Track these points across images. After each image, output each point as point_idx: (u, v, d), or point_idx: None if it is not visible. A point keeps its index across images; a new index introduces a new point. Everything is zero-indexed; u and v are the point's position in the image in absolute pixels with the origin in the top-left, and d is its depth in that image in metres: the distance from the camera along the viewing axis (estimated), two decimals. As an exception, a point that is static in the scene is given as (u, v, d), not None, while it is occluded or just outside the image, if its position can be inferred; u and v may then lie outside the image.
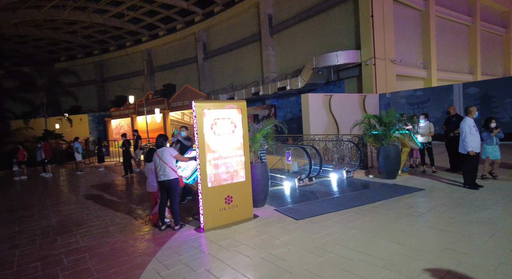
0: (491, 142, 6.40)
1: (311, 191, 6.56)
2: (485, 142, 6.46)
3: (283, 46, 22.65)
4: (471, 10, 23.64)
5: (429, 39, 19.92)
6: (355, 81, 18.04)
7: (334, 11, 18.57)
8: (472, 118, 5.84)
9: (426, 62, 20.17)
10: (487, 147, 6.48)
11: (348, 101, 15.13)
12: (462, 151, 5.86)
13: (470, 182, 5.87)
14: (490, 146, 6.42)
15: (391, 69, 17.29)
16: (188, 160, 5.08)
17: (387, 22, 16.88)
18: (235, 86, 25.30)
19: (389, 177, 7.14)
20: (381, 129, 7.01)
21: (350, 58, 16.95)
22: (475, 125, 5.84)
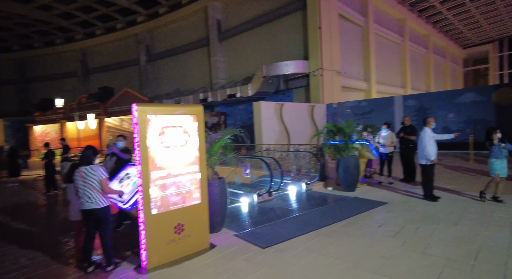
0: (501, 155, 5.46)
1: (272, 208, 5.91)
2: (493, 156, 5.51)
3: (232, 53, 22.14)
4: (401, 30, 26.06)
5: (369, 53, 21.26)
6: (303, 91, 18.26)
7: (283, 21, 18.70)
8: (431, 128, 5.83)
9: (366, 75, 21.43)
10: (496, 162, 5.47)
11: (298, 111, 15.11)
12: (423, 162, 5.80)
13: (430, 193, 5.83)
14: (500, 160, 5.45)
15: (337, 80, 17.90)
16: (116, 194, 3.99)
17: (334, 35, 17.49)
18: (182, 91, 23.94)
19: (349, 190, 6.88)
20: (342, 140, 6.73)
21: (299, 68, 17.10)
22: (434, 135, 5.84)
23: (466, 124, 12.60)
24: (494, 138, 5.48)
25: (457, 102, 12.84)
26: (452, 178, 7.68)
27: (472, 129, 12.39)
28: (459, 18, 30.10)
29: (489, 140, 5.59)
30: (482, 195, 5.61)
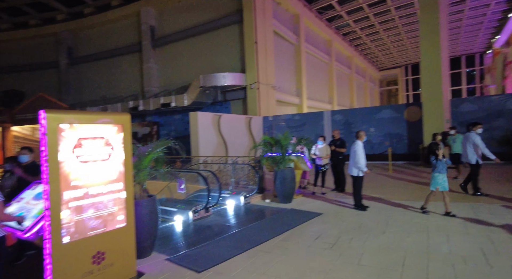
0: (444, 170, 5.50)
1: (209, 226, 5.56)
2: (437, 170, 5.51)
3: (167, 61, 21.27)
4: (329, 51, 28.50)
5: (301, 70, 22.60)
6: (241, 103, 18.39)
7: (221, 33, 18.75)
8: (362, 141, 6.20)
9: (298, 90, 22.68)
10: (439, 176, 5.48)
11: (236, 122, 15.09)
12: (353, 174, 6.13)
13: (359, 203, 6.18)
14: (442, 174, 5.49)
15: (272, 94, 18.51)
16: (14, 220, 3.26)
17: (269, 51, 18.14)
18: (109, 98, 21.98)
19: (286, 201, 6.93)
20: (279, 152, 6.79)
21: (236, 81, 17.22)
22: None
23: (385, 137, 14.10)
24: (440, 154, 5.55)
25: (377, 118, 14.32)
26: (375, 187, 8.35)
27: (390, 142, 13.91)
28: (375, 44, 34.32)
29: (434, 154, 5.61)
30: (423, 209, 5.67)
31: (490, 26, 30.28)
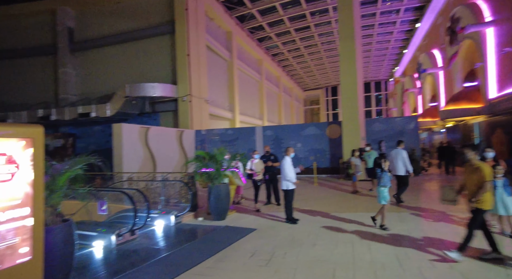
0: (389, 183, 5.64)
1: (135, 250, 5.04)
2: (383, 184, 5.61)
3: (89, 67, 19.34)
4: (260, 69, 29.79)
5: (234, 86, 23.00)
6: (171, 115, 17.68)
7: (151, 42, 17.95)
8: (290, 157, 6.50)
9: (231, 106, 22.95)
10: (385, 190, 5.59)
11: (166, 136, 14.40)
12: (285, 188, 6.35)
13: (290, 216, 6.39)
14: (387, 188, 5.62)
15: (205, 108, 18.31)
16: None
17: (202, 64, 18.03)
18: (12, 105, 18.78)
19: (220, 218, 6.75)
20: (214, 167, 6.64)
21: (167, 92, 16.57)
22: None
23: (310, 153, 15.12)
24: (385, 166, 5.73)
25: (303, 134, 15.32)
26: (304, 199, 8.79)
27: (314, 157, 14.95)
28: (300, 66, 37.20)
29: (379, 167, 5.75)
30: (382, 226, 5.65)
31: (392, 58, 35.86)
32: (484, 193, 3.94)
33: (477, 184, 4.01)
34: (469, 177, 4.18)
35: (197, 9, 17.56)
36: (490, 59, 13.53)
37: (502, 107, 12.56)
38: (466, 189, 4.25)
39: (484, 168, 4.00)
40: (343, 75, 13.97)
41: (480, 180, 3.97)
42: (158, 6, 17.82)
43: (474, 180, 4.05)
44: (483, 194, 3.95)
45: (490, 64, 13.57)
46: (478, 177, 4.00)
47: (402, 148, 7.97)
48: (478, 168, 4.02)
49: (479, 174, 3.99)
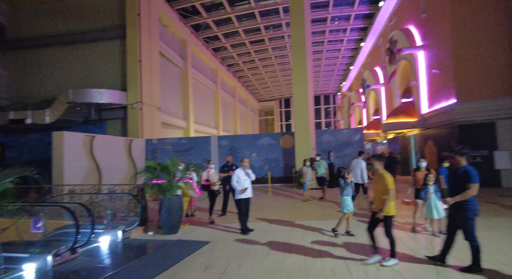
0: (351, 192, 5.92)
1: (76, 270, 4.59)
2: (346, 193, 5.84)
3: (24, 68, 17.55)
4: (215, 79, 29.75)
5: (188, 94, 22.57)
6: (119, 124, 16.71)
7: (99, 46, 16.91)
8: (243, 167, 6.51)
9: (185, 114, 22.45)
10: (348, 199, 5.83)
11: (113, 145, 13.55)
12: (237, 197, 6.33)
13: (244, 227, 6.37)
14: (349, 196, 5.88)
15: (157, 116, 17.66)
16: None
17: (154, 71, 17.45)
18: None
19: (171, 232, 6.48)
20: (166, 178, 6.38)
21: (116, 99, 15.68)
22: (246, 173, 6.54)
23: (265, 162, 15.36)
24: (349, 178, 5.96)
25: (258, 144, 15.54)
26: (259, 209, 8.86)
27: (269, 166, 15.22)
28: (255, 78, 37.98)
29: (342, 178, 5.99)
30: (335, 232, 5.85)
31: (339, 74, 38.43)
32: (390, 201, 4.21)
33: (382, 192, 4.27)
34: (375, 185, 4.45)
35: (150, 15, 17.07)
36: (422, 79, 15.25)
37: (432, 122, 14.15)
38: (374, 197, 4.50)
39: (387, 176, 4.28)
40: (295, 88, 14.58)
41: (384, 188, 4.24)
42: (108, 9, 16.96)
43: (380, 188, 4.32)
44: (389, 203, 4.20)
45: (422, 83, 15.28)
46: (383, 186, 4.27)
47: (362, 158, 8.67)
48: (383, 177, 4.30)
49: (384, 183, 4.26)
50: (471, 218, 3.99)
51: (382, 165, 4.47)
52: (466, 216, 4.00)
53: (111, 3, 16.88)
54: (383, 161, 4.48)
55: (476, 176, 3.97)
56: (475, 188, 3.92)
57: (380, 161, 4.46)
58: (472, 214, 4.00)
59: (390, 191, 4.20)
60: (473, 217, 4.00)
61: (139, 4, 16.18)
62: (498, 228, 5.96)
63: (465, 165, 4.14)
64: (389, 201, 4.21)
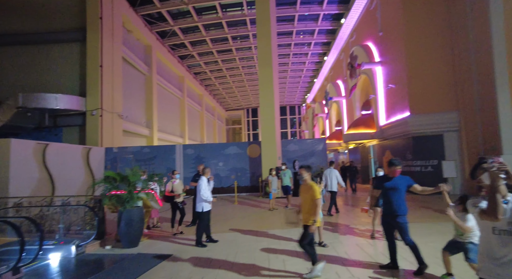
0: (322, 200, 5.83)
1: (20, 292, 4.17)
2: None
3: (-36, 68, 15.96)
4: (181, 86, 29.27)
5: (152, 102, 21.92)
6: (77, 131, 15.75)
7: (56, 48, 15.95)
8: (207, 177, 6.38)
9: (148, 122, 21.73)
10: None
11: (69, 154, 12.70)
12: (198, 210, 6.13)
13: (200, 240, 6.12)
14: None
15: (118, 124, 16.91)
16: None
17: (116, 77, 16.78)
18: None
19: (131, 245, 6.15)
20: (127, 189, 6.08)
21: (73, 105, 14.80)
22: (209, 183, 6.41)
23: (231, 172, 15.27)
24: (321, 187, 6.09)
25: (224, 153, 15.45)
26: (224, 220, 8.75)
27: (235, 176, 15.15)
28: (222, 87, 37.98)
29: None
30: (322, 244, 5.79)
31: (304, 86, 39.74)
32: (318, 211, 4.26)
33: (310, 202, 4.30)
34: (304, 196, 4.45)
35: (114, 19, 16.50)
36: (380, 93, 16.26)
37: (389, 133, 15.06)
38: (302, 208, 4.47)
39: (315, 187, 4.32)
40: (262, 99, 14.80)
41: (312, 198, 4.27)
42: (67, 10, 16.09)
43: (308, 198, 4.33)
44: (317, 213, 4.23)
45: (380, 97, 16.28)
46: (310, 196, 4.29)
47: (334, 167, 9.16)
48: (311, 187, 4.33)
49: (311, 193, 4.28)
50: (406, 221, 4.39)
51: (310, 175, 4.51)
52: (403, 220, 4.35)
53: (70, 5, 16.06)
54: (311, 172, 4.54)
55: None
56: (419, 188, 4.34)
57: (309, 172, 4.49)
58: (406, 218, 4.40)
59: (317, 201, 4.24)
60: (407, 220, 4.41)
61: (101, 7, 15.58)
62: (447, 232, 6.44)
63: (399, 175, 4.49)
64: (318, 211, 4.24)
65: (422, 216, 8.19)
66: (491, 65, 10.38)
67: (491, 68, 10.37)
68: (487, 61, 10.57)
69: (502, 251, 2.03)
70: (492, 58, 10.32)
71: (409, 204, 9.88)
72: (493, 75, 10.31)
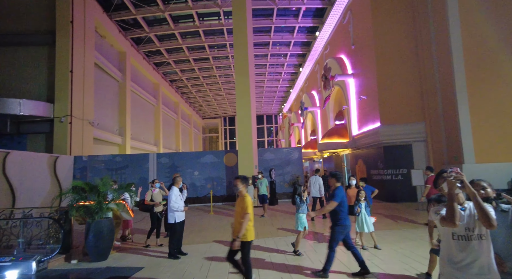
0: (306, 209, 5.86)
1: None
2: (302, 211, 5.83)
3: None
4: (156, 94, 28.72)
5: (125, 109, 21.29)
6: (43, 138, 14.92)
7: (21, 51, 15.14)
8: (178, 187, 6.21)
9: (121, 130, 21.05)
10: (303, 216, 5.80)
11: (34, 163, 11.97)
12: (171, 221, 5.94)
13: (173, 251, 5.97)
14: (304, 214, 5.79)
15: (89, 131, 16.25)
16: None
17: (88, 83, 16.20)
18: None
19: (100, 259, 5.85)
20: (96, 200, 5.81)
21: (40, 111, 14.06)
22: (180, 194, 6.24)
23: (207, 181, 15.06)
24: (304, 196, 5.95)
25: (200, 162, 15.23)
26: (199, 230, 8.56)
27: (211, 185, 14.95)
28: (199, 95, 37.72)
29: (299, 195, 5.93)
30: (296, 252, 5.82)
31: (281, 96, 40.37)
32: (246, 225, 3.95)
33: (241, 213, 4.02)
34: (237, 208, 4.16)
35: (86, 24, 16.00)
36: (352, 103, 16.85)
37: (361, 142, 15.58)
38: (234, 221, 4.20)
39: (247, 199, 4.03)
40: (238, 108, 14.83)
41: (243, 211, 4.00)
42: (35, 12, 15.37)
43: (239, 211, 4.06)
44: (245, 227, 3.94)
45: (352, 107, 16.86)
46: (241, 208, 4.03)
47: (319, 175, 9.69)
48: (243, 199, 4.06)
49: (243, 206, 4.01)
50: (339, 232, 4.64)
51: (245, 187, 4.19)
52: (336, 229, 4.64)
53: (39, 7, 15.38)
54: (246, 183, 4.20)
55: (337, 196, 4.59)
56: (331, 205, 4.56)
57: (244, 183, 4.16)
58: (340, 228, 4.64)
59: (247, 215, 3.94)
60: (341, 230, 4.64)
61: (72, 11, 15.06)
62: (415, 239, 6.70)
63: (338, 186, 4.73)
64: (245, 225, 3.93)
65: (390, 224, 8.46)
66: (451, 78, 11.12)
67: (452, 81, 11.10)
68: (448, 75, 11.32)
69: (460, 255, 2.15)
70: (452, 72, 11.06)
71: (380, 212, 10.22)
72: (453, 88, 11.04)
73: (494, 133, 10.70)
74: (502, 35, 10.98)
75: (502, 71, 10.92)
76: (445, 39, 11.38)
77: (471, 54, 11.00)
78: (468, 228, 2.15)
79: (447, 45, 11.27)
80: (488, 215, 2.00)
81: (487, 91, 10.87)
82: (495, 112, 10.78)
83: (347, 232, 4.74)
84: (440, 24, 11.73)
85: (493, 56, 10.97)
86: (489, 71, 10.93)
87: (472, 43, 11.03)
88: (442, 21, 11.52)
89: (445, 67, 11.54)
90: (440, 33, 11.73)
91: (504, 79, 10.89)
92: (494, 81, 10.90)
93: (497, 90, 10.85)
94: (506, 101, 10.79)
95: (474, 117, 10.81)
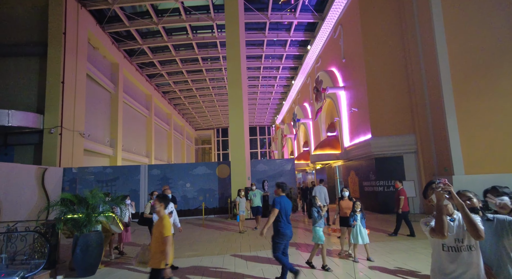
0: (323, 223, 5.65)
1: None
2: (318, 225, 5.60)
3: None
4: (149, 105, 28.64)
5: (117, 120, 21.13)
6: (31, 150, 14.65)
7: (11, 62, 15.03)
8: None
9: (113, 141, 20.83)
10: (320, 230, 5.58)
11: (21, 174, 11.69)
12: None
13: None
14: (322, 228, 5.61)
15: (79, 142, 16.02)
16: None
17: (79, 94, 16.09)
18: None
19: (87, 274, 5.67)
20: (84, 213, 5.68)
21: (29, 122, 13.86)
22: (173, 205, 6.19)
23: (199, 193, 14.89)
24: (323, 210, 5.77)
25: (192, 174, 15.09)
26: (189, 244, 8.40)
27: (203, 197, 14.78)
28: (192, 106, 37.75)
29: (316, 208, 5.74)
30: (310, 264, 5.67)
31: (273, 107, 40.68)
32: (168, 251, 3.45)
33: (159, 239, 3.51)
34: (154, 232, 3.66)
35: (78, 35, 16.03)
36: (344, 115, 17.07)
37: (353, 154, 15.71)
38: (152, 246, 3.64)
39: (166, 221, 3.57)
40: (231, 119, 14.87)
41: (161, 234, 3.50)
42: (26, 23, 15.35)
43: (157, 233, 3.57)
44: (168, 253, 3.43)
45: (344, 119, 17.07)
46: (160, 231, 3.53)
47: (323, 185, 10.17)
48: (161, 222, 3.59)
49: (161, 229, 3.52)
50: (278, 242, 4.72)
51: (163, 207, 3.67)
52: (274, 239, 4.78)
53: (31, 17, 15.38)
54: (164, 203, 3.70)
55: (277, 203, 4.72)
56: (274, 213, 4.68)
57: (161, 202, 3.66)
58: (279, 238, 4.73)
59: (167, 239, 3.46)
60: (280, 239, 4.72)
61: (65, 23, 15.10)
62: (407, 250, 6.69)
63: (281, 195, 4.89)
64: (168, 250, 3.44)
65: (381, 236, 8.45)
66: (439, 91, 11.41)
67: (439, 93, 11.38)
68: (436, 87, 11.62)
69: (451, 267, 2.15)
70: (439, 85, 11.36)
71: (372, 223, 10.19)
72: (441, 100, 11.30)
73: (483, 145, 10.92)
74: (489, 47, 11.36)
75: (489, 84, 11.24)
76: (432, 52, 11.74)
77: (457, 67, 11.34)
78: (458, 239, 2.17)
79: (434, 58, 11.61)
80: (476, 226, 2.02)
81: (474, 103, 11.15)
82: (483, 123, 11.03)
83: (287, 241, 4.82)
84: (427, 37, 12.11)
85: (480, 69, 11.31)
86: (476, 83, 11.24)
87: (458, 56, 11.39)
88: (429, 34, 11.90)
89: (432, 79, 11.85)
90: (427, 46, 12.10)
91: (491, 91, 11.20)
92: (481, 93, 11.20)
93: (484, 102, 11.14)
94: (494, 112, 11.07)
95: (462, 129, 11.04)
